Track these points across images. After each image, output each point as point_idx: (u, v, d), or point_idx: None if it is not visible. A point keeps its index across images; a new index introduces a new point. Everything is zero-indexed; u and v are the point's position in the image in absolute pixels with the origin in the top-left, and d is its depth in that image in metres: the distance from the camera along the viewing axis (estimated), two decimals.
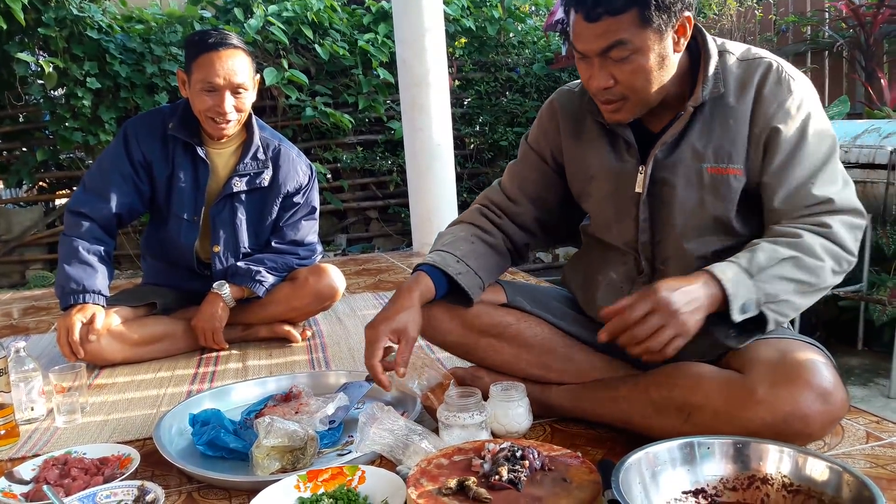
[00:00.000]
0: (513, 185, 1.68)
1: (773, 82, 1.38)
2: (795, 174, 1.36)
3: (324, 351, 2.36)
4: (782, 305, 1.30)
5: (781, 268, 1.28)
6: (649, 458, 1.13)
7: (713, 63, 1.40)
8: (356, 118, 5.64)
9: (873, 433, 1.48)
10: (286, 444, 1.40)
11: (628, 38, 1.30)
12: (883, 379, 3.05)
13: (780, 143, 1.36)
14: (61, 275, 2.19)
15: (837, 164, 1.39)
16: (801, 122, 1.37)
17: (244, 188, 2.33)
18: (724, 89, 1.40)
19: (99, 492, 1.30)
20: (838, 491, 1.05)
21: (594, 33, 1.31)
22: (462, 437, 1.38)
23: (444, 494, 1.12)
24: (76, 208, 2.28)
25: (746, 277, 1.27)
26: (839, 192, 1.36)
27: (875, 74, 3.83)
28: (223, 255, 2.37)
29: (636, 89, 1.36)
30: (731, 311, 1.25)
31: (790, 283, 1.28)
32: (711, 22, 5.27)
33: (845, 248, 1.33)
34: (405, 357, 1.47)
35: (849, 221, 1.35)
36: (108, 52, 4.92)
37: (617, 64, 1.33)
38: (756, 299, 1.27)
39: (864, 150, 3.00)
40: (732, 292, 1.25)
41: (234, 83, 2.17)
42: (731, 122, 1.39)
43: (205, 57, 2.15)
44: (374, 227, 6.13)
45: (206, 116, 2.21)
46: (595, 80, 1.36)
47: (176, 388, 2.07)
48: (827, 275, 1.31)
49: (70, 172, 5.44)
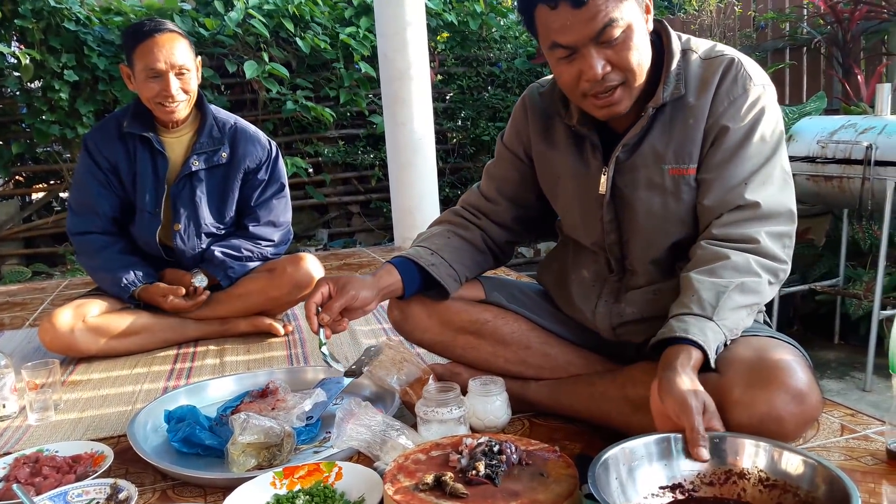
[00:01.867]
0: (490, 185, 1.67)
1: (730, 80, 1.37)
2: (731, 174, 1.35)
3: (302, 346, 2.35)
4: (739, 330, 1.32)
5: (731, 299, 1.27)
6: (626, 454, 1.13)
7: (675, 62, 1.38)
8: (337, 112, 5.60)
9: (848, 426, 1.49)
10: (262, 441, 1.39)
11: (618, 15, 1.26)
12: (858, 372, 3.08)
13: (724, 141, 1.36)
14: (106, 281, 2.35)
15: (778, 166, 1.37)
16: (749, 123, 1.36)
17: (203, 166, 2.36)
18: (685, 90, 1.38)
19: (70, 490, 1.29)
20: (813, 485, 1.06)
21: (584, 18, 1.25)
22: (440, 433, 1.38)
23: (421, 490, 1.11)
24: (75, 230, 2.40)
25: (705, 321, 1.26)
26: (771, 195, 1.35)
27: (852, 71, 3.85)
28: (184, 234, 2.38)
29: (632, 68, 1.31)
30: (711, 362, 1.24)
31: (742, 309, 1.30)
32: (692, 18, 5.29)
33: (776, 259, 1.33)
34: (333, 307, 1.45)
35: (776, 230, 1.34)
36: (86, 45, 4.84)
37: (611, 46, 1.28)
38: (724, 337, 1.27)
39: (841, 146, 3.02)
40: (704, 341, 1.23)
41: (177, 65, 2.21)
42: (690, 121, 1.38)
43: (143, 45, 2.20)
44: (355, 221, 6.10)
45: (154, 103, 2.26)
46: (591, 69, 1.29)
47: (152, 385, 2.05)
48: (766, 289, 1.32)
49: (47, 166, 5.36)
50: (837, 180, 3.05)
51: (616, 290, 1.52)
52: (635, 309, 1.48)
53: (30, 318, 3.00)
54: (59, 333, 2.20)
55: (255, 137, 2.45)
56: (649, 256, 1.46)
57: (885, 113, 3.03)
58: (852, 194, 3.00)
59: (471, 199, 1.69)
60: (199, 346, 2.40)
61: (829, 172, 3.08)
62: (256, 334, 2.47)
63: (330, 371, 1.83)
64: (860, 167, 2.92)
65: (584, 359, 1.57)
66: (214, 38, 5.21)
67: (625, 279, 1.51)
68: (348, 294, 1.46)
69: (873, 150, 2.87)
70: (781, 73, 4.62)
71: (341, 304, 1.45)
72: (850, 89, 3.80)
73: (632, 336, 1.51)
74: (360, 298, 1.48)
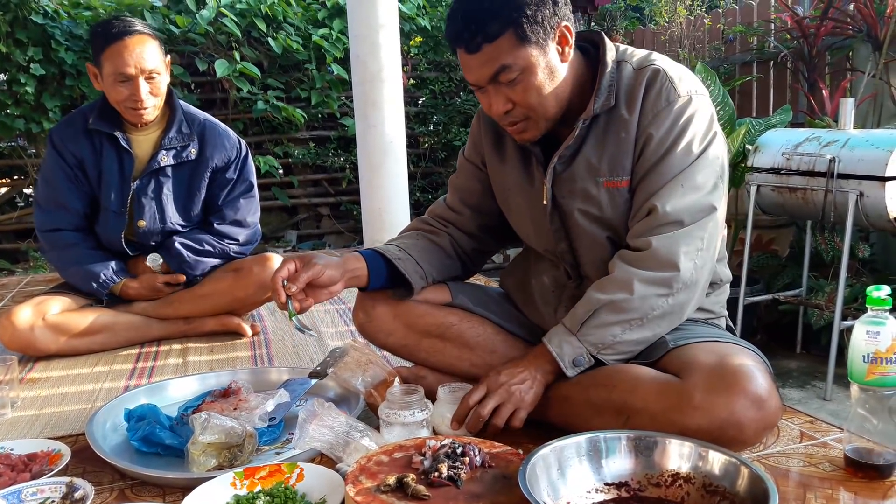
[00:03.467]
0: (454, 197, 1.72)
1: (654, 92, 1.40)
2: (649, 184, 1.39)
3: (267, 347, 2.33)
4: (619, 346, 1.38)
5: (598, 317, 1.37)
6: (557, 453, 1.16)
7: (608, 74, 1.42)
8: (309, 113, 5.58)
9: (807, 433, 1.51)
10: (223, 441, 1.37)
11: (511, 61, 1.33)
12: (819, 381, 3.13)
13: (647, 152, 1.40)
14: (80, 277, 2.31)
15: (699, 172, 1.38)
16: (671, 134, 1.38)
17: (171, 162, 2.32)
18: (617, 101, 1.42)
19: (25, 489, 1.26)
20: (742, 488, 1.09)
21: (478, 63, 1.35)
22: (403, 436, 1.37)
23: (383, 492, 1.11)
24: (44, 227, 2.35)
25: (569, 335, 1.38)
26: (681, 202, 1.36)
27: (817, 85, 3.93)
28: (149, 230, 2.35)
29: (533, 107, 1.38)
30: (564, 369, 1.39)
31: (612, 326, 1.36)
32: (662, 29, 5.36)
33: (669, 268, 1.35)
34: (299, 277, 1.46)
35: (676, 236, 1.35)
36: (54, 38, 4.77)
37: (509, 87, 1.36)
38: (585, 351, 1.37)
39: (805, 158, 3.07)
40: (557, 353, 1.39)
41: (146, 70, 2.17)
42: (622, 134, 1.42)
43: (112, 48, 2.15)
44: (325, 223, 6.07)
45: (123, 107, 2.22)
46: (494, 106, 1.40)
47: (113, 384, 2.01)
48: (651, 303, 1.35)
49: (11, 161, 5.27)
50: (801, 192, 3.11)
51: (575, 296, 1.53)
52: None
53: None
54: (18, 331, 2.15)
55: (225, 135, 2.42)
56: (602, 263, 1.48)
57: (848, 127, 3.09)
58: (815, 206, 3.05)
59: (437, 210, 1.74)
60: (163, 345, 2.36)
61: (793, 184, 3.13)
62: (222, 334, 2.44)
63: (294, 372, 1.82)
64: (823, 179, 2.97)
65: None
66: (185, 35, 5.16)
67: (582, 286, 1.54)
68: (315, 268, 1.47)
69: (836, 163, 2.92)
70: (749, 86, 4.70)
71: (308, 277, 1.46)
72: (815, 103, 3.87)
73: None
74: (326, 275, 1.48)
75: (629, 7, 6.67)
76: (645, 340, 1.40)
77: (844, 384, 2.96)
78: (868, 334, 1.30)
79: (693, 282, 1.37)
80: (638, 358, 1.42)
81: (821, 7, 3.95)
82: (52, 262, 2.42)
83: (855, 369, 1.32)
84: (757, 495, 1.04)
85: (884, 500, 1.23)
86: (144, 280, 2.36)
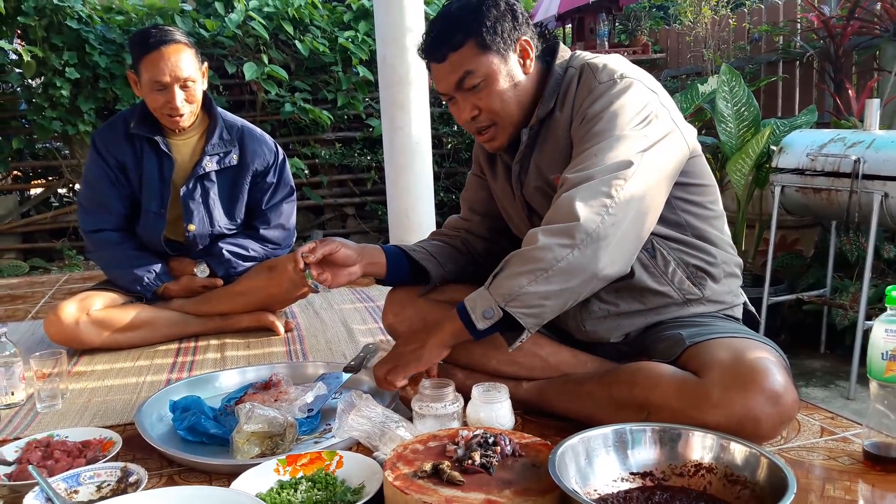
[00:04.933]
0: (465, 207, 1.91)
1: (581, 86, 1.52)
2: (579, 154, 1.46)
3: (301, 343, 2.40)
4: (525, 298, 1.38)
5: (507, 269, 1.42)
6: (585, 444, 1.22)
7: (552, 82, 1.55)
8: (335, 115, 5.66)
9: (828, 428, 1.56)
10: (266, 430, 1.44)
11: (474, 68, 1.50)
12: (843, 381, 3.15)
13: (575, 140, 1.49)
14: (124, 279, 2.42)
15: (615, 145, 1.40)
16: (592, 115, 1.45)
17: (215, 167, 2.41)
18: (555, 105, 1.54)
19: (83, 472, 1.34)
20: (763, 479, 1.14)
21: (445, 72, 1.53)
22: (435, 427, 1.43)
23: (420, 477, 1.17)
24: (88, 228, 2.44)
25: (483, 290, 1.43)
26: (588, 163, 1.40)
27: (843, 85, 3.93)
28: (198, 234, 2.44)
29: (497, 112, 1.54)
30: (474, 321, 1.42)
31: (519, 277, 1.38)
32: (686, 29, 5.37)
33: (569, 217, 1.35)
34: (316, 249, 1.59)
35: (577, 190, 1.37)
36: (88, 43, 4.89)
37: (474, 93, 1.52)
38: (494, 302, 1.40)
39: (830, 159, 3.09)
40: (471, 307, 1.43)
41: (181, 78, 2.25)
42: (559, 133, 1.54)
43: (149, 57, 2.23)
44: (350, 223, 6.15)
45: (160, 113, 2.31)
46: (462, 112, 1.55)
47: (155, 377, 2.10)
48: (555, 253, 1.35)
49: (46, 162, 5.41)
50: (826, 193, 3.12)
51: None
52: (600, 306, 1.57)
53: (32, 311, 3.05)
54: (65, 326, 2.25)
55: (263, 140, 2.50)
56: None
57: (873, 128, 3.10)
58: (840, 207, 3.07)
59: (451, 223, 1.92)
60: (200, 340, 2.45)
61: (817, 185, 3.15)
62: (257, 330, 2.52)
63: (329, 367, 1.89)
64: (848, 180, 2.99)
65: (575, 358, 1.62)
66: (214, 39, 5.26)
67: None
68: (332, 244, 1.62)
69: (861, 164, 2.94)
70: (774, 86, 4.70)
71: (324, 251, 1.61)
72: (841, 104, 3.87)
73: (600, 334, 1.59)
74: (342, 253, 1.62)
75: (654, 6, 6.67)
76: (553, 295, 1.37)
77: (868, 384, 2.96)
78: (887, 332, 1.34)
79: (600, 235, 1.35)
80: (657, 356, 1.47)
81: (847, 6, 3.94)
82: (97, 262, 2.51)
83: (874, 366, 1.36)
84: (776, 484, 1.09)
85: None
86: (184, 282, 2.45)
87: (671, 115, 1.49)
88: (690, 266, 1.55)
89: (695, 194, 1.57)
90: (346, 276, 1.65)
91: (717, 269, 1.58)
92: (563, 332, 1.68)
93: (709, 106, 3.97)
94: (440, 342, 1.51)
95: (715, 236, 1.59)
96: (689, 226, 1.56)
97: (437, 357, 1.53)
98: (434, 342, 1.51)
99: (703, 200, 1.58)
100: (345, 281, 1.65)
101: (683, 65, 5.53)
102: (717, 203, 1.62)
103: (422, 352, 1.52)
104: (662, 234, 1.53)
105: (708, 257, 1.56)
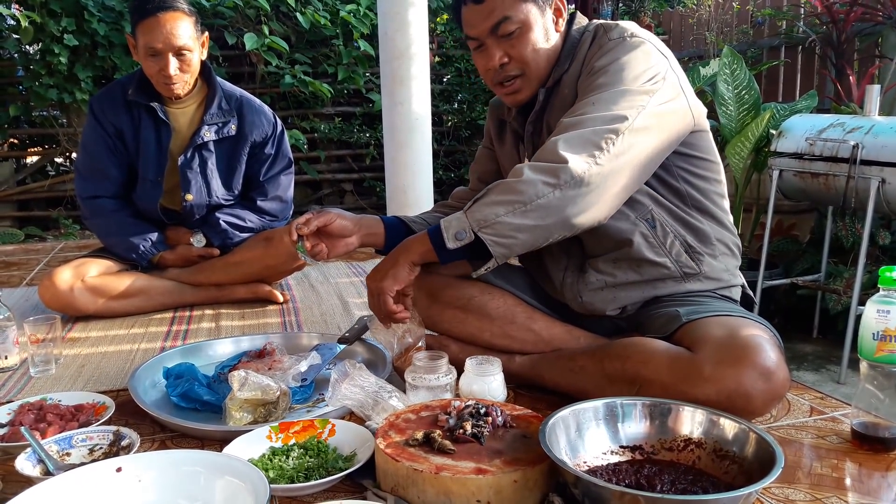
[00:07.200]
0: (474, 178, 1.91)
1: (594, 45, 1.53)
2: (579, 101, 1.47)
3: (296, 315, 2.41)
4: (498, 227, 1.38)
5: (487, 196, 1.42)
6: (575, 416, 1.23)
7: (568, 45, 1.56)
8: (335, 89, 5.63)
9: (817, 408, 1.57)
10: (259, 398, 1.45)
11: (512, 13, 1.49)
12: (834, 366, 3.17)
13: (583, 89, 1.50)
14: (120, 247, 2.40)
15: (616, 99, 1.41)
16: (600, 67, 1.47)
17: (213, 137, 2.40)
18: (570, 66, 1.55)
19: (75, 435, 1.34)
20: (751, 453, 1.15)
21: (482, 14, 1.51)
22: (428, 398, 1.44)
23: (411, 445, 1.18)
24: (85, 194, 2.42)
25: (461, 214, 1.43)
26: (584, 111, 1.41)
27: (844, 71, 3.91)
28: (196, 203, 2.43)
29: (528, 62, 1.53)
30: (446, 240, 1.42)
31: (497, 206, 1.39)
32: (690, 12, 5.34)
33: (557, 161, 1.36)
34: (311, 221, 1.59)
35: (568, 135, 1.38)
36: (87, 10, 4.85)
37: (507, 40, 1.51)
38: (468, 225, 1.40)
39: (829, 144, 3.09)
40: (445, 226, 1.43)
41: (176, 46, 2.23)
42: (566, 91, 1.55)
43: (145, 22, 2.21)
44: (348, 199, 6.15)
45: (155, 80, 2.29)
46: (491, 59, 1.53)
47: (149, 345, 2.10)
48: (537, 189, 1.36)
49: (43, 129, 5.38)
50: (823, 177, 3.13)
51: (580, 260, 1.61)
52: (597, 277, 1.57)
53: (27, 278, 3.05)
54: (59, 291, 2.25)
55: (262, 111, 2.49)
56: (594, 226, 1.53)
57: (873, 114, 3.10)
58: (837, 192, 3.07)
59: (458, 193, 1.91)
60: (195, 310, 2.45)
61: (815, 169, 3.15)
62: (253, 301, 2.52)
63: (324, 338, 1.89)
64: (846, 165, 2.99)
65: (568, 333, 1.63)
66: (215, 9, 5.22)
67: (586, 248, 1.60)
68: (327, 215, 1.61)
69: (859, 150, 2.94)
70: (776, 71, 4.68)
71: (319, 222, 1.59)
72: (842, 89, 3.86)
73: (597, 305, 1.59)
74: (338, 223, 1.61)
75: None
76: (526, 230, 1.38)
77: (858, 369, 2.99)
78: (878, 313, 1.35)
79: (584, 181, 1.35)
80: (652, 332, 1.47)
81: None
82: (93, 230, 2.51)
83: (864, 346, 1.37)
84: (764, 460, 1.10)
85: (887, 472, 1.29)
86: (180, 251, 2.45)
87: (680, 82, 1.49)
88: (689, 239, 1.55)
89: (699, 167, 1.57)
90: (343, 246, 1.64)
91: (715, 247, 1.58)
92: (559, 307, 1.68)
93: (710, 89, 3.96)
94: (409, 259, 1.50)
95: (716, 212, 1.59)
96: (689, 196, 1.56)
97: (409, 274, 1.51)
98: (404, 260, 1.50)
99: (707, 175, 1.58)
100: (342, 251, 1.65)
101: (686, 47, 5.50)
102: (721, 180, 1.62)
103: (395, 269, 1.50)
104: (663, 203, 1.53)
105: (707, 229, 1.56)
